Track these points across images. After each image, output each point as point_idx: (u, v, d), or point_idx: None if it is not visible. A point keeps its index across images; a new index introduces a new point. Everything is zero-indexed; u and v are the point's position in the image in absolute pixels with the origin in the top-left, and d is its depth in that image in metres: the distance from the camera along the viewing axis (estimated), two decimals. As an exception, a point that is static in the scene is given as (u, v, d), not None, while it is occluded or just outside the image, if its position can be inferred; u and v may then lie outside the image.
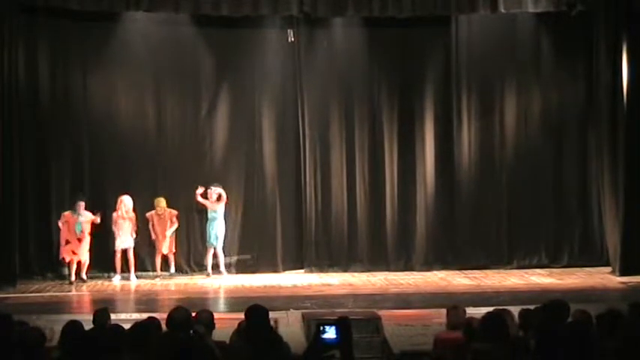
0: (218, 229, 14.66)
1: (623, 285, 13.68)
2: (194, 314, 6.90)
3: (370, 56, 15.51)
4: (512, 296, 12.15)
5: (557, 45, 15.59)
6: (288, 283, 14.32)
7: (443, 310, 8.43)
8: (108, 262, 14.54)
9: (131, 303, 12.73)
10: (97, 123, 15.00)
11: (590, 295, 12.38)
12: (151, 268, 14.90)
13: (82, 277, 14.20)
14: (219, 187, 14.73)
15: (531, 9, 14.50)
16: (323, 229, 15.43)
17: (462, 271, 15.05)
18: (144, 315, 8.22)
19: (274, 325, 8.29)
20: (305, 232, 15.39)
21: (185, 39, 15.19)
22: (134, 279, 14.46)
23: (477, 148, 15.65)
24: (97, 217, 14.15)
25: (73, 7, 13.93)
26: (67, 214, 14.22)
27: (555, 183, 15.72)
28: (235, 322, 7.18)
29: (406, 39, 15.43)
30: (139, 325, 6.38)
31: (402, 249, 15.49)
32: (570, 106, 15.68)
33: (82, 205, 14.17)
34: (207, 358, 5.76)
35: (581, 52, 15.35)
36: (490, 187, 15.63)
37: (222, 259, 14.76)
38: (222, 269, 14.76)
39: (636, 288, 13.25)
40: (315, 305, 11.62)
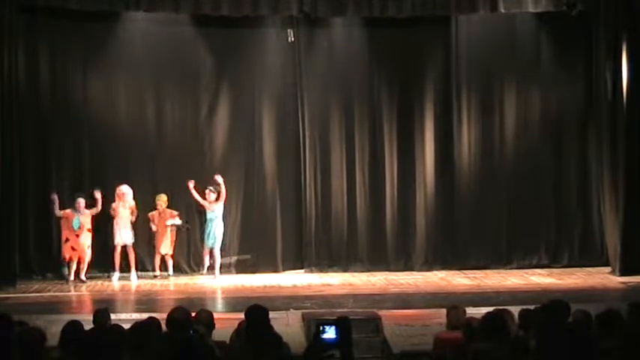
0: (216, 230, 14.60)
1: (623, 285, 13.67)
2: (194, 314, 6.90)
3: (370, 56, 15.50)
4: (512, 296, 12.14)
5: (557, 45, 15.59)
6: (288, 283, 14.31)
7: (443, 310, 8.44)
8: (108, 262, 14.53)
9: (131, 303, 12.71)
10: (97, 123, 15.00)
11: (590, 295, 12.36)
12: (151, 268, 14.90)
13: (82, 279, 14.16)
14: (219, 178, 14.56)
15: (531, 9, 14.53)
16: (323, 229, 15.43)
17: (462, 271, 15.05)
18: (144, 315, 8.22)
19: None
20: (305, 232, 15.38)
21: (185, 39, 15.18)
22: (135, 277, 14.45)
23: (477, 148, 15.65)
24: (98, 199, 14.18)
25: (73, 7, 13.94)
26: (67, 211, 14.24)
27: (555, 183, 15.72)
28: (235, 322, 7.19)
29: (406, 39, 15.43)
30: (139, 325, 6.39)
31: (402, 249, 15.49)
32: (570, 106, 15.67)
33: (81, 202, 14.18)
34: (207, 358, 5.76)
35: (581, 52, 15.35)
36: (490, 187, 15.63)
37: (218, 261, 14.66)
38: (216, 272, 14.62)
39: (636, 288, 13.25)
40: (315, 305, 11.61)
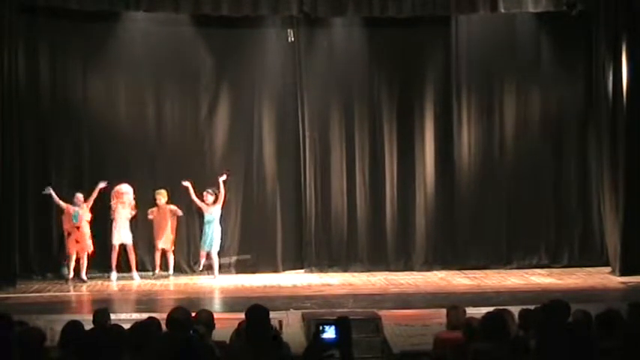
0: (213, 233, 14.52)
1: (623, 285, 13.66)
2: (194, 314, 6.90)
3: (370, 56, 15.50)
4: (512, 296, 12.13)
5: (557, 45, 15.59)
6: (288, 283, 14.30)
7: (443, 310, 8.44)
8: (107, 262, 14.48)
9: (131, 303, 12.71)
10: (97, 122, 15.00)
11: (590, 295, 12.36)
12: (151, 267, 14.89)
13: (82, 278, 14.18)
14: (224, 178, 14.55)
15: (531, 9, 14.52)
16: (323, 229, 15.42)
17: (462, 271, 15.04)
18: (144, 315, 8.22)
19: (278, 326, 8.32)
20: (305, 232, 15.38)
21: (185, 39, 15.17)
22: (137, 277, 14.43)
23: (476, 148, 15.64)
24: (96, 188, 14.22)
25: (73, 7, 13.93)
26: (67, 205, 14.26)
27: (555, 183, 15.71)
28: (235, 322, 7.19)
29: (406, 39, 15.42)
30: (139, 325, 6.39)
31: (402, 249, 15.48)
32: (570, 106, 15.67)
33: (79, 197, 14.19)
34: (207, 358, 5.76)
35: (581, 52, 15.34)
36: (490, 187, 15.62)
37: (216, 262, 14.63)
38: (215, 272, 14.59)
39: (636, 288, 13.24)
40: (315, 305, 11.59)
